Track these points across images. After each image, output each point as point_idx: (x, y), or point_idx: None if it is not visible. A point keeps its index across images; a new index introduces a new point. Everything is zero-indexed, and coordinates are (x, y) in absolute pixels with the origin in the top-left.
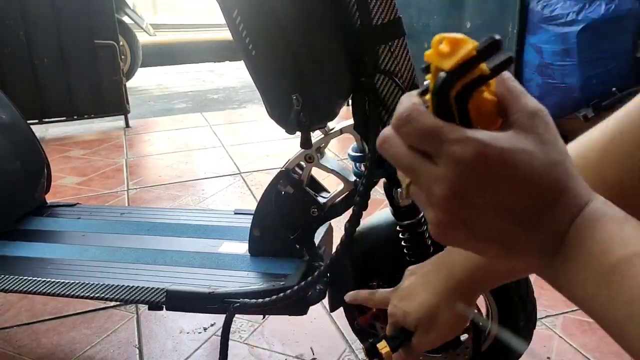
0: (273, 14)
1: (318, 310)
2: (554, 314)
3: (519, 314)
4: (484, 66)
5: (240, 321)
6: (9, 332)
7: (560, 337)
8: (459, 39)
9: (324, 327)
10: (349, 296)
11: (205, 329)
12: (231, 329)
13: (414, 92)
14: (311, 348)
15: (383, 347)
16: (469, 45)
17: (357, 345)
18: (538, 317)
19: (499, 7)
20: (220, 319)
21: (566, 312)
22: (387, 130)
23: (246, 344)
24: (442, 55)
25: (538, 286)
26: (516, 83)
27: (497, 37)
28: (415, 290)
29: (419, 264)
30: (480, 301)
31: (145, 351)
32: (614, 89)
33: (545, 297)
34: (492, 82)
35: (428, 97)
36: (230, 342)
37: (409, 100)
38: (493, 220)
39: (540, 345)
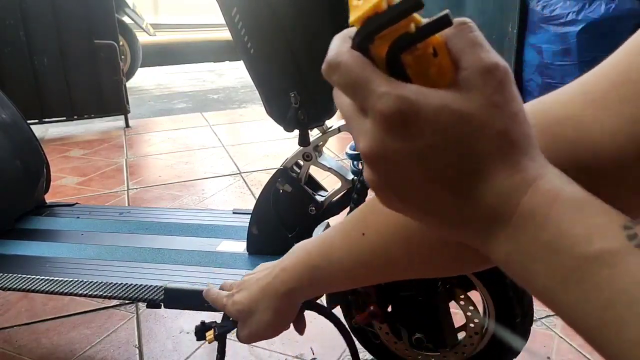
0: (272, 13)
1: None
2: (554, 313)
3: (515, 309)
4: (417, 22)
5: None
6: (9, 332)
7: (560, 337)
8: None
9: (323, 326)
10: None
11: None
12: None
13: (350, 32)
14: (311, 348)
15: (210, 333)
16: None
17: (357, 345)
18: (538, 317)
19: (499, 7)
20: (220, 318)
21: None
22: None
23: None
24: (352, 7)
25: None
26: (475, 33)
27: None
28: (249, 283)
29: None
30: (477, 297)
31: (145, 351)
32: None
33: None
34: (437, 37)
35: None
36: (230, 342)
37: (340, 43)
38: (422, 186)
39: (541, 345)
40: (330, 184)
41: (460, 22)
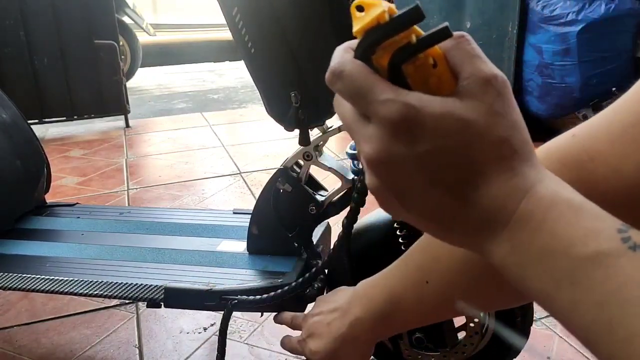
0: (272, 12)
1: None
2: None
3: (515, 309)
4: (418, 33)
5: (241, 321)
6: (9, 332)
7: (560, 337)
8: (371, 3)
9: None
10: (278, 318)
11: (205, 329)
12: (231, 329)
13: (352, 44)
14: None
15: None
16: (378, 10)
17: None
18: (538, 316)
19: (499, 7)
20: (220, 319)
21: None
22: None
23: (246, 343)
24: (356, 18)
25: None
26: (473, 46)
27: (417, 3)
28: (321, 329)
29: (328, 295)
30: None
31: (145, 351)
32: (614, 89)
33: None
34: (437, 49)
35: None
36: (230, 342)
37: (342, 53)
38: (424, 190)
39: (541, 345)
40: (331, 184)
41: (459, 34)
